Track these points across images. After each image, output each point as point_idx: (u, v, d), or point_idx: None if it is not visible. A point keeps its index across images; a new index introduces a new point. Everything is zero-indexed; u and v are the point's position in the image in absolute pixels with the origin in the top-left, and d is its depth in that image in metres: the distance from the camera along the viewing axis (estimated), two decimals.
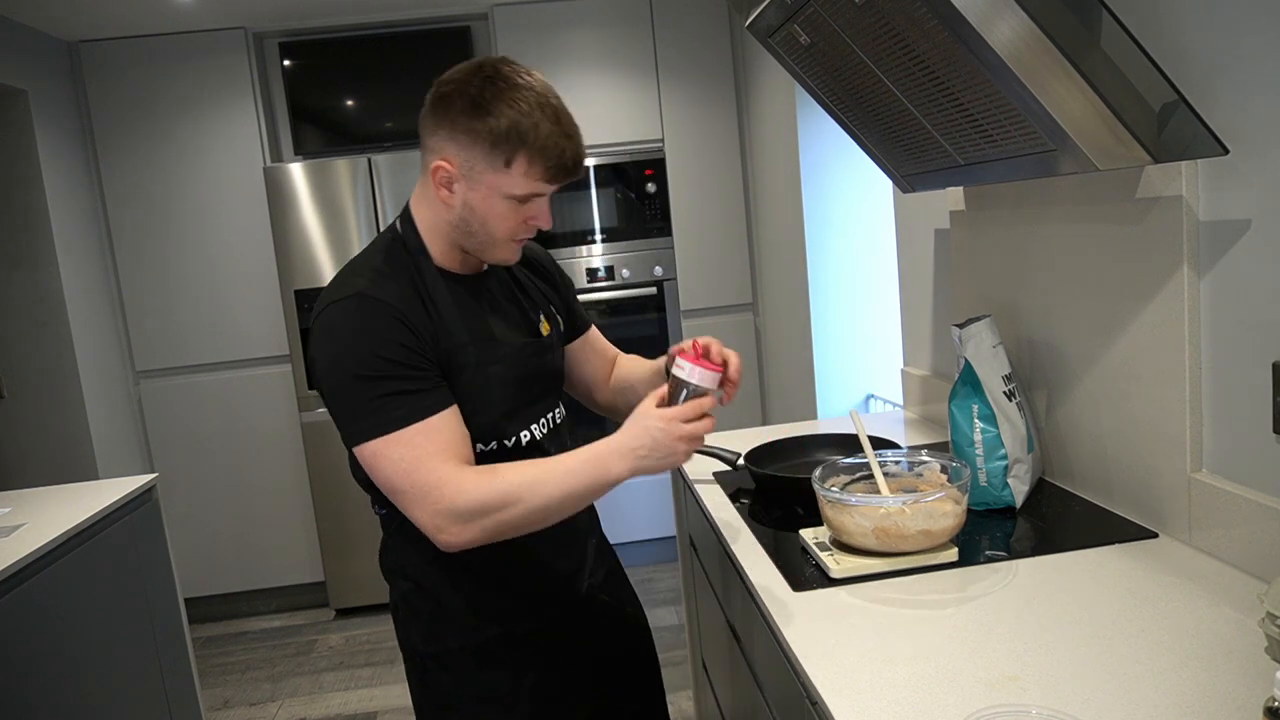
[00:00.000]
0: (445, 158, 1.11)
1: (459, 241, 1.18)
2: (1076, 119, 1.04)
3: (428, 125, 1.13)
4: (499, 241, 1.17)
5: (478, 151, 1.09)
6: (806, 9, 1.27)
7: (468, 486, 1.06)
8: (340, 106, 3.54)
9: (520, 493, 1.07)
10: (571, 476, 1.08)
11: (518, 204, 1.13)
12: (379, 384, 1.07)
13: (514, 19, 3.39)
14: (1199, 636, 0.97)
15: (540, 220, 1.17)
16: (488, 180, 1.11)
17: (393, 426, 1.07)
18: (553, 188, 1.14)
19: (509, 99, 1.08)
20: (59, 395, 3.16)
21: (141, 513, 2.22)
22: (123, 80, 3.33)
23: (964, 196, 1.74)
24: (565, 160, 1.11)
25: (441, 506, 1.06)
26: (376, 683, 2.98)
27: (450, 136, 1.10)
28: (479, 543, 1.09)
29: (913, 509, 1.19)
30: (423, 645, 1.26)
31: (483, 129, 1.08)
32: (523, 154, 1.09)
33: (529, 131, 1.07)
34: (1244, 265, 1.09)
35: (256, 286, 3.46)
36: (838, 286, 2.89)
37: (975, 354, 1.41)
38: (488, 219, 1.14)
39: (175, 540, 2.64)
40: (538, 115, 1.08)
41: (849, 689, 0.92)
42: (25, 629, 1.74)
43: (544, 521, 1.10)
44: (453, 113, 1.09)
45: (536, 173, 1.10)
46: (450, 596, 1.24)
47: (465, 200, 1.13)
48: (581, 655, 1.32)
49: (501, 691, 1.25)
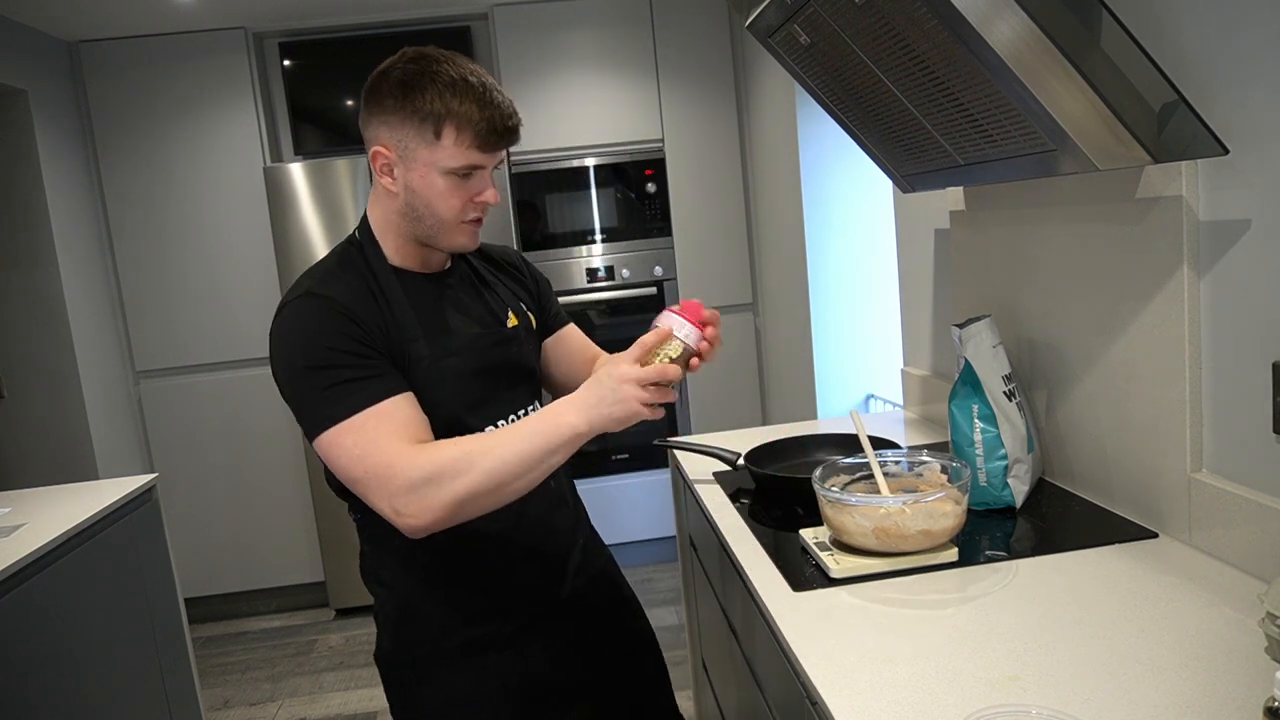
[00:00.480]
0: (381, 143, 1.13)
1: (412, 232, 1.18)
2: (1076, 119, 1.04)
3: (363, 118, 1.16)
4: (448, 224, 1.16)
5: (409, 129, 1.11)
6: (806, 9, 1.27)
7: (419, 459, 1.04)
8: (340, 106, 3.54)
9: (473, 456, 1.04)
10: (526, 434, 1.06)
11: (458, 179, 1.13)
12: (328, 374, 1.08)
13: (514, 19, 3.39)
14: (1199, 636, 0.97)
15: (486, 196, 1.17)
16: (423, 157, 1.12)
17: (344, 414, 1.07)
18: (488, 157, 1.14)
19: (431, 74, 1.10)
20: (59, 395, 3.16)
21: (141, 513, 2.22)
22: (123, 80, 3.33)
23: (964, 196, 1.74)
24: (495, 124, 1.11)
25: (396, 485, 1.04)
26: (376, 683, 2.97)
27: (383, 121, 1.12)
28: (443, 521, 1.05)
29: (913, 509, 1.19)
30: (394, 651, 1.25)
31: (409, 107, 1.10)
32: (450, 123, 1.10)
33: (453, 101, 1.09)
34: (1244, 265, 1.09)
35: (256, 286, 3.46)
36: (838, 286, 2.89)
37: (975, 354, 1.41)
38: (431, 199, 1.14)
39: (175, 540, 2.64)
40: (461, 86, 1.10)
41: (849, 689, 0.92)
42: (25, 629, 1.74)
43: (506, 487, 1.06)
44: (381, 98, 1.12)
45: (467, 139, 1.11)
46: (426, 601, 1.22)
47: (406, 183, 1.14)
48: (569, 657, 1.31)
49: (480, 695, 1.23)
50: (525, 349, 1.30)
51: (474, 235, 1.21)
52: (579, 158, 3.50)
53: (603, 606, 1.38)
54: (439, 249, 1.21)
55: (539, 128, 3.45)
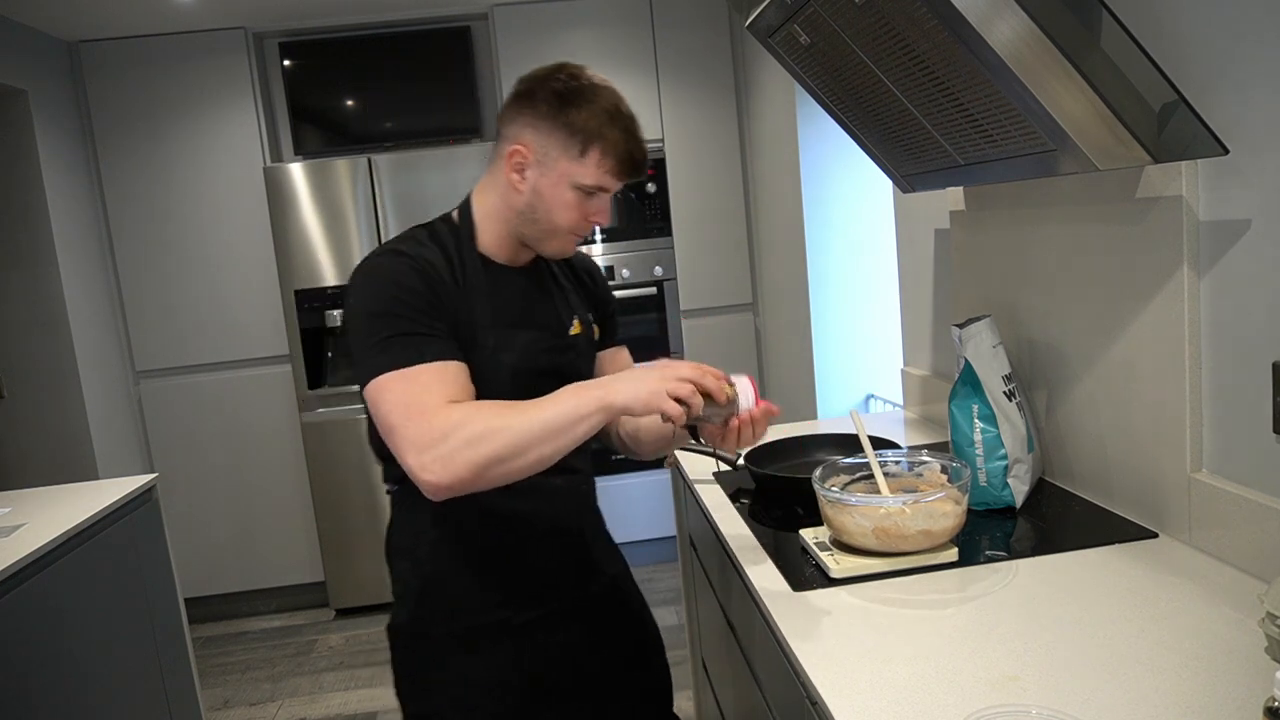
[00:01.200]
0: (522, 142, 1.18)
1: (519, 229, 1.23)
2: (1076, 119, 1.04)
3: (508, 114, 1.20)
4: (559, 232, 1.21)
5: (556, 139, 1.16)
6: (806, 9, 1.27)
7: (454, 415, 1.05)
8: (340, 106, 3.54)
9: (505, 417, 1.05)
10: (555, 401, 1.06)
11: (584, 196, 1.19)
12: (394, 323, 1.11)
13: (514, 19, 3.39)
14: (1199, 636, 0.97)
15: (600, 217, 1.22)
16: (561, 167, 1.17)
17: (401, 364, 1.09)
18: (617, 184, 1.20)
19: (590, 96, 1.16)
20: (59, 395, 3.16)
21: (141, 513, 2.22)
22: (123, 80, 3.33)
23: (964, 196, 1.74)
24: (636, 158, 1.19)
25: (427, 438, 1.04)
26: (376, 683, 2.98)
27: (531, 124, 1.17)
28: (465, 482, 1.04)
29: (913, 509, 1.19)
30: (408, 624, 1.27)
31: (564, 119, 1.15)
32: (597, 146, 1.16)
33: (605, 127, 1.15)
34: (1244, 265, 1.09)
35: (256, 286, 3.47)
36: (838, 286, 2.89)
37: (975, 354, 1.41)
38: (553, 207, 1.19)
39: (175, 540, 2.64)
40: (614, 114, 1.16)
41: (849, 689, 0.92)
42: (25, 629, 1.74)
43: (530, 451, 1.05)
44: (536, 102, 1.17)
45: (608, 165, 1.17)
46: (446, 582, 1.25)
47: (535, 186, 1.18)
48: (574, 658, 1.32)
49: (488, 677, 1.26)
50: (581, 358, 1.32)
51: (574, 246, 1.26)
52: None
53: (613, 613, 1.39)
54: (537, 250, 1.26)
55: None
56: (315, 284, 3.31)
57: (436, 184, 3.30)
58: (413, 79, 3.51)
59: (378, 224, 3.30)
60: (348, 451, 3.39)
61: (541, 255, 1.28)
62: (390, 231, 3.30)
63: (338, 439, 3.38)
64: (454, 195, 3.67)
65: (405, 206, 3.30)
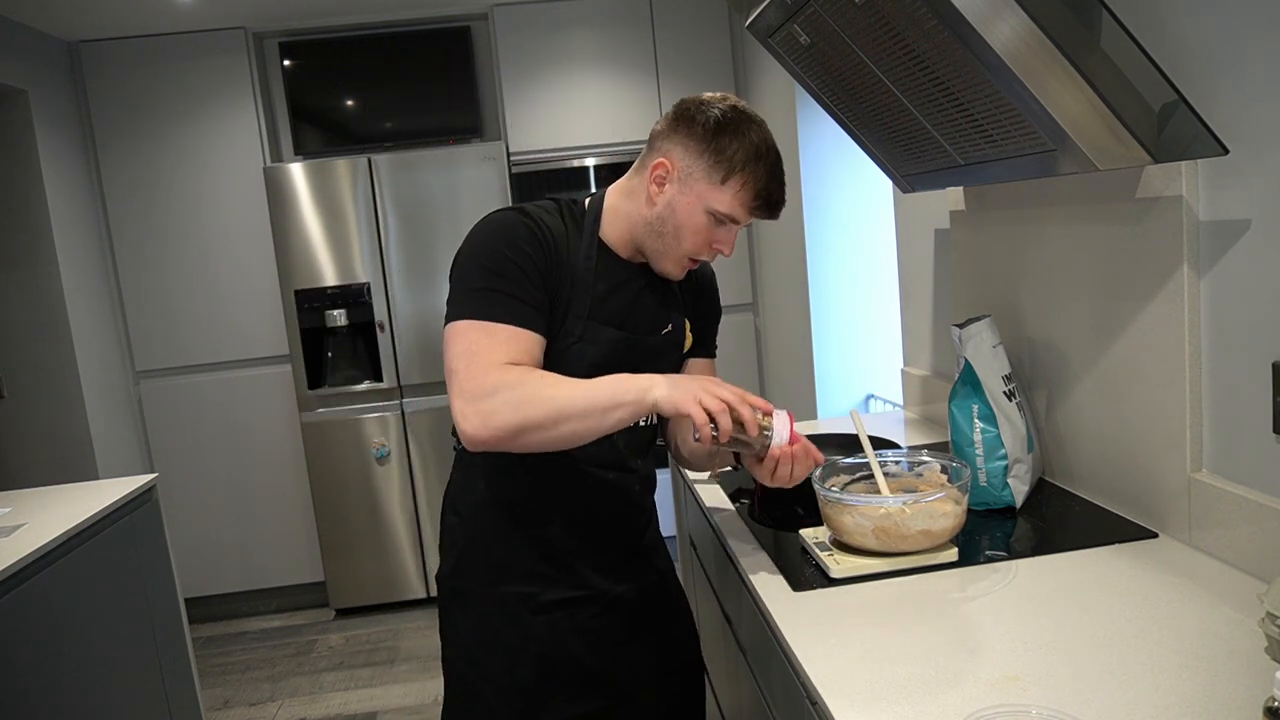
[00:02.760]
0: (670, 157, 1.20)
1: (642, 239, 1.25)
2: (1076, 119, 1.04)
3: (664, 130, 1.23)
4: (680, 254, 1.23)
5: (702, 162, 1.18)
6: (806, 9, 1.27)
7: (507, 375, 1.09)
8: (340, 106, 3.54)
9: (545, 387, 1.09)
10: (598, 382, 1.10)
11: (715, 222, 1.20)
12: (492, 278, 1.14)
13: (514, 19, 3.39)
14: (1199, 636, 0.97)
15: (724, 246, 1.24)
16: (699, 189, 1.19)
17: (483, 316, 1.13)
18: (748, 219, 1.21)
19: (745, 129, 1.18)
20: (59, 395, 3.16)
21: (141, 513, 2.22)
22: (123, 80, 3.33)
23: (964, 196, 1.74)
24: (773, 197, 1.20)
25: (474, 388, 1.09)
26: (376, 683, 2.98)
27: (681, 142, 1.20)
28: (500, 439, 1.08)
29: (913, 509, 1.19)
30: (451, 576, 1.33)
31: (713, 145, 1.18)
32: (739, 177, 1.18)
33: (751, 161, 1.17)
34: (1244, 265, 1.09)
35: (256, 286, 3.47)
36: (838, 286, 2.89)
37: (975, 354, 1.41)
38: (683, 226, 1.21)
39: (175, 540, 2.64)
40: (763, 150, 1.18)
41: (849, 689, 0.92)
42: (25, 629, 1.74)
43: (563, 424, 1.08)
44: (693, 124, 1.19)
45: (745, 198, 1.19)
46: (488, 544, 1.29)
47: (671, 201, 1.20)
48: (602, 655, 1.32)
49: (508, 646, 1.29)
50: (665, 361, 1.32)
51: (684, 272, 1.28)
52: (579, 157, 3.50)
53: (645, 611, 1.38)
54: (651, 263, 1.27)
55: (539, 128, 3.45)
56: (315, 284, 3.31)
57: (436, 184, 3.30)
58: (413, 79, 3.51)
59: (378, 224, 3.30)
60: (348, 451, 3.39)
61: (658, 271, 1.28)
62: (390, 231, 3.31)
63: (338, 439, 3.38)
64: (454, 195, 3.67)
65: (405, 206, 3.30)
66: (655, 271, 1.28)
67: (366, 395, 3.39)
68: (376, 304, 3.33)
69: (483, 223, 1.20)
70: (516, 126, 3.44)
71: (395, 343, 3.35)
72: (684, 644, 1.46)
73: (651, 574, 1.40)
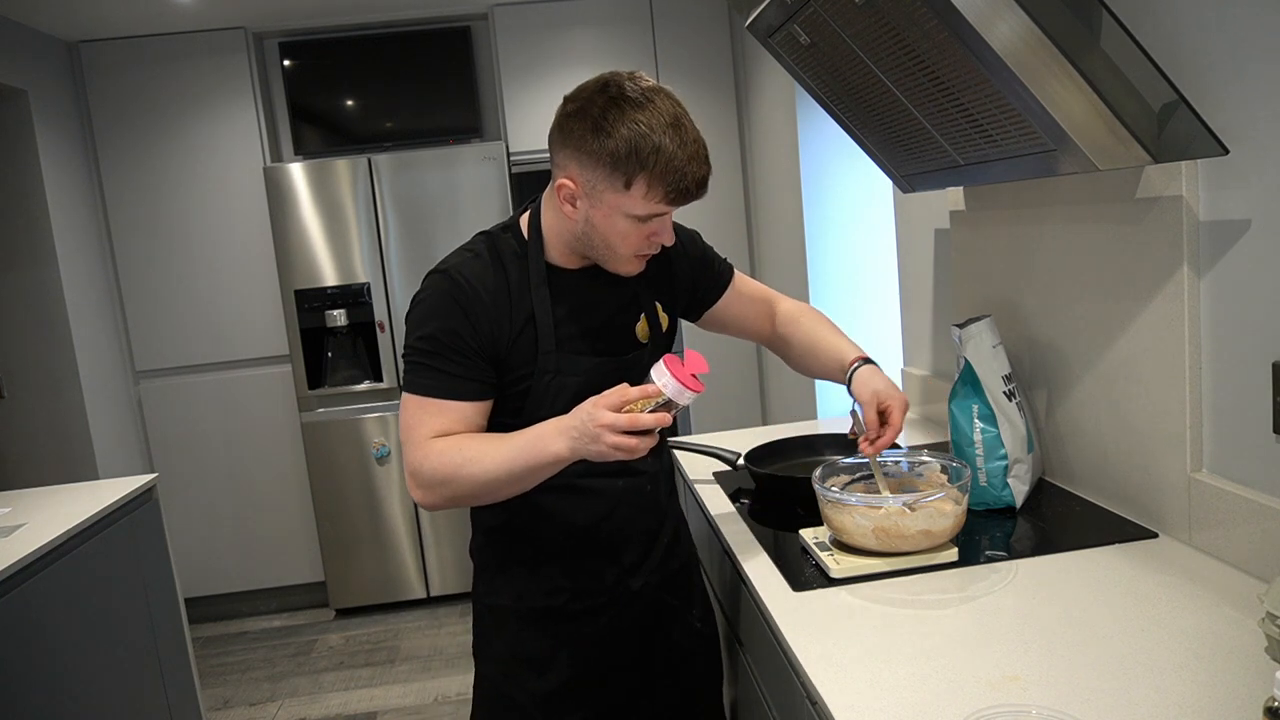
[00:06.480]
0: (569, 175, 1.15)
1: (582, 250, 1.22)
2: (1076, 119, 1.04)
3: (554, 142, 1.16)
4: (621, 256, 1.20)
5: (599, 172, 1.11)
6: (806, 9, 1.27)
7: (431, 457, 1.16)
8: (340, 106, 3.54)
9: (466, 468, 1.14)
10: (513, 453, 1.13)
11: (639, 222, 1.15)
12: (423, 353, 1.19)
13: (514, 19, 3.39)
14: (1199, 636, 0.97)
15: (662, 237, 1.20)
16: (609, 200, 1.13)
17: (416, 390, 1.19)
18: (673, 209, 1.15)
19: (630, 119, 1.08)
20: (59, 395, 3.16)
21: (141, 513, 2.22)
22: (123, 80, 3.33)
23: (964, 196, 1.74)
24: (685, 183, 1.11)
25: (409, 465, 1.18)
26: (376, 683, 2.98)
27: (573, 156, 1.13)
28: (439, 509, 1.21)
29: (913, 509, 1.19)
30: (484, 595, 1.36)
31: (603, 151, 1.09)
32: (642, 177, 1.09)
33: (649, 155, 1.08)
34: (1244, 265, 1.09)
35: (256, 286, 3.47)
36: (838, 287, 2.89)
37: (975, 354, 1.41)
38: (609, 236, 1.17)
39: (175, 540, 2.64)
40: (659, 137, 1.08)
41: (849, 689, 0.92)
42: (25, 629, 1.74)
43: (494, 494, 1.16)
44: (576, 133, 1.11)
45: (656, 194, 1.11)
46: (512, 563, 1.32)
47: (587, 217, 1.16)
48: (628, 645, 1.34)
49: (541, 655, 1.31)
50: (653, 358, 1.29)
51: (642, 265, 1.23)
52: None
53: (670, 602, 1.40)
54: (606, 269, 1.24)
55: (539, 128, 3.43)
56: (315, 284, 3.31)
57: (436, 184, 3.30)
58: (413, 79, 3.51)
59: (378, 224, 3.30)
60: (348, 451, 3.39)
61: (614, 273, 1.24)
62: (390, 231, 3.31)
63: (338, 439, 3.38)
64: (454, 195, 3.66)
65: (405, 206, 3.30)
66: (611, 272, 1.24)
67: (366, 395, 3.39)
68: (376, 304, 3.33)
69: (416, 298, 1.22)
70: (516, 126, 3.44)
71: (395, 343, 3.35)
72: (704, 624, 1.47)
73: (673, 564, 1.40)
